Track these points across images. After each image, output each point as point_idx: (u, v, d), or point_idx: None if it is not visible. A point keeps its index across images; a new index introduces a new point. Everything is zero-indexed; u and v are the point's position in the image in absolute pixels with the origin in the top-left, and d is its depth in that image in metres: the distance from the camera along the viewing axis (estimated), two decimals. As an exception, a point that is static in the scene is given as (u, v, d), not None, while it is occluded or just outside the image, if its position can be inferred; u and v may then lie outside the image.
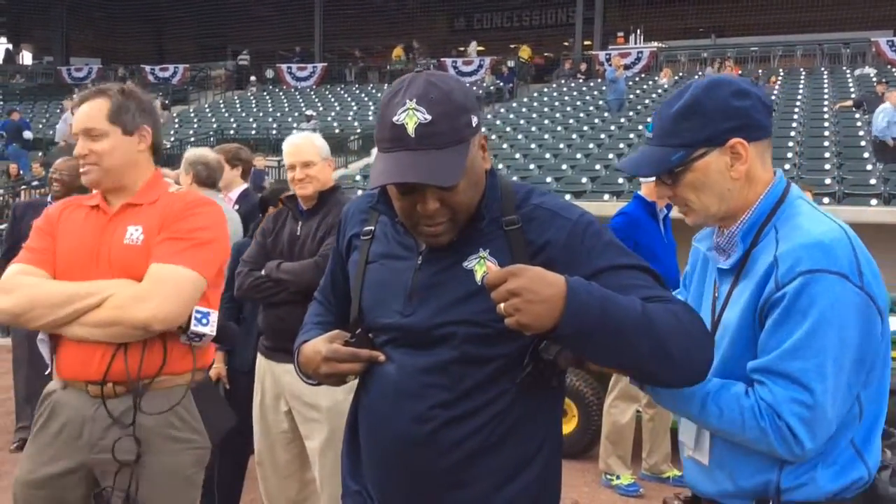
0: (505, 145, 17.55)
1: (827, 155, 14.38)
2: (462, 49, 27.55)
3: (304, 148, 3.43)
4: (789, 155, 14.46)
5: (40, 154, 19.23)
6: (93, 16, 32.40)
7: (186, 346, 2.30)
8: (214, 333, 2.30)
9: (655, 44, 26.25)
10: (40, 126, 22.39)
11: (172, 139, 20.51)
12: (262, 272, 3.46)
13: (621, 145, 16.33)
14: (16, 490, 2.36)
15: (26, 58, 36.07)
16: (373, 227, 1.74)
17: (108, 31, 33.33)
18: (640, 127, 17.58)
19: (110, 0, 30.33)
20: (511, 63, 25.16)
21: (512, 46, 27.31)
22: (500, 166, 15.83)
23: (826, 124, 16.30)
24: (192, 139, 19.67)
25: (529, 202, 1.63)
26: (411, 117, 1.49)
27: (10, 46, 35.65)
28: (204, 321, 2.29)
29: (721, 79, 1.69)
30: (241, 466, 4.52)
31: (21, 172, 18.25)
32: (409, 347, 1.61)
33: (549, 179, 14.65)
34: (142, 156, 2.40)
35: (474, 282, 1.57)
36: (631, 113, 18.93)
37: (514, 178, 14.49)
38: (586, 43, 26.37)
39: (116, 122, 2.34)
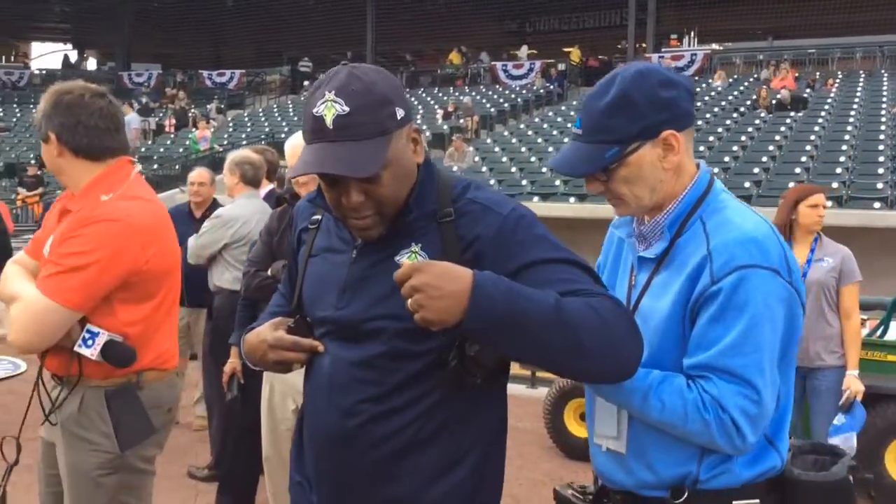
0: (550, 148, 17.47)
1: (881, 159, 13.98)
2: (513, 52, 27.49)
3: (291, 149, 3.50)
4: (842, 159, 14.11)
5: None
6: (154, 23, 33.25)
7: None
8: (95, 356, 2.26)
9: (711, 46, 25.84)
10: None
11: (226, 142, 20.93)
12: (269, 272, 3.51)
13: (669, 149, 16.11)
14: None
15: (90, 64, 37.20)
16: (318, 221, 1.76)
17: (168, 38, 34.13)
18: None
19: (172, 7, 31.09)
20: (562, 66, 25.03)
21: (565, 50, 27.17)
22: (544, 170, 15.77)
23: (882, 128, 15.84)
24: (245, 142, 20.03)
25: (465, 196, 1.62)
26: (329, 108, 1.49)
27: (75, 53, 36.83)
28: (89, 342, 2.27)
29: (646, 68, 1.65)
30: (255, 464, 4.59)
31: (80, 175, 18.81)
32: (343, 341, 1.62)
33: (592, 183, 14.55)
34: (62, 160, 2.38)
35: None
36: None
37: (556, 182, 14.46)
38: (639, 45, 26.09)
39: (39, 129, 2.42)
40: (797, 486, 1.62)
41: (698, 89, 21.42)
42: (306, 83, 27.88)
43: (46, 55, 36.65)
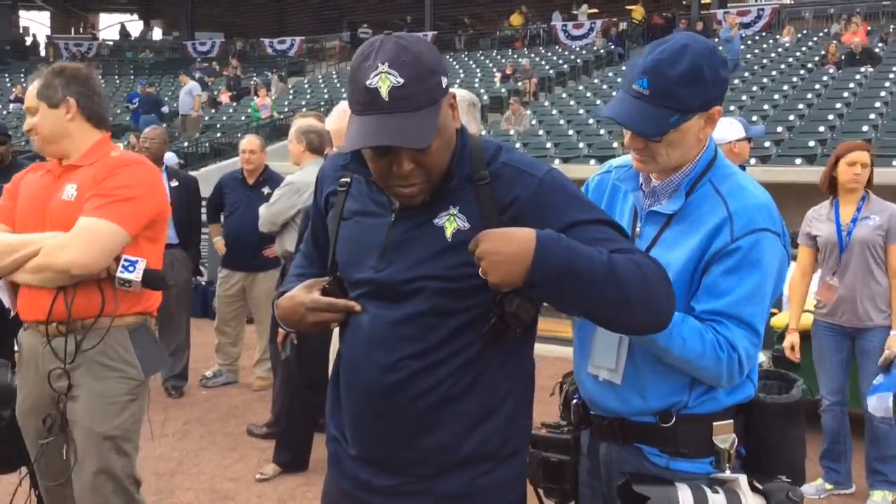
0: (610, 110, 17.22)
1: (957, 115, 13.42)
2: (573, 13, 27.03)
3: (338, 115, 3.56)
4: (914, 115, 13.57)
5: (164, 125, 20.25)
6: (217, -9, 33.68)
7: (122, 291, 2.57)
8: (140, 280, 2.56)
9: (778, 0, 24.99)
10: (166, 99, 23.50)
11: (287, 110, 21.16)
12: None
13: (731, 107, 15.72)
14: (17, 416, 2.79)
15: (156, 34, 37.90)
16: (347, 185, 1.79)
17: (231, 6, 34.50)
18: (754, 88, 16.87)
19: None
20: (623, 25, 24.53)
21: (627, 7, 26.59)
22: (602, 131, 15.58)
23: (960, 82, 15.17)
24: (304, 109, 20.23)
25: (498, 160, 1.68)
26: (384, 80, 1.51)
27: (141, 24, 37.54)
28: (130, 269, 2.56)
29: (712, 45, 1.82)
30: (311, 422, 4.76)
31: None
32: (382, 301, 1.68)
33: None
34: (72, 124, 2.66)
35: (445, 238, 1.63)
36: (746, 74, 18.17)
37: (615, 144, 14.26)
38: (704, 2, 25.38)
39: (42, 98, 2.67)
40: (764, 408, 1.89)
41: (764, 45, 20.79)
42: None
43: (112, 26, 37.32)
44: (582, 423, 1.99)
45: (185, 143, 18.99)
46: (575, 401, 2.01)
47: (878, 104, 14.44)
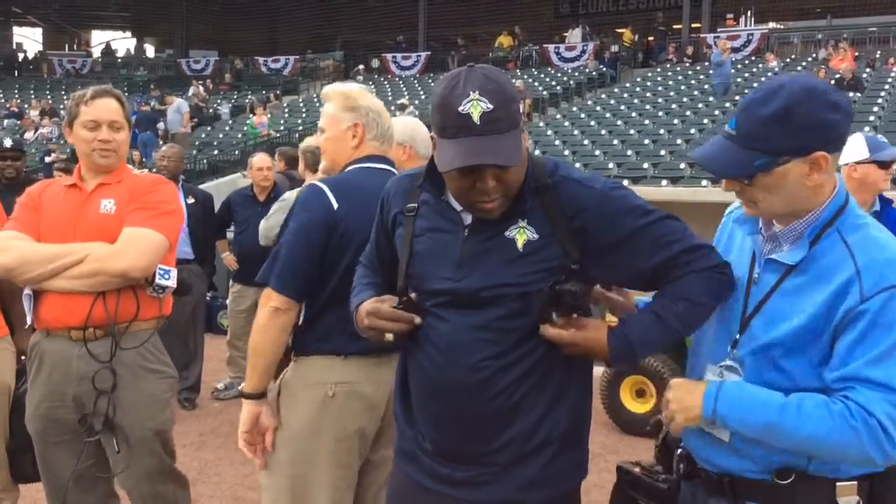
0: (603, 131, 17.48)
1: (943, 139, 13.71)
2: (563, 35, 27.36)
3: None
4: (902, 139, 13.87)
5: (160, 143, 20.34)
6: (211, 9, 33.87)
7: (153, 296, 2.82)
8: (175, 286, 2.84)
9: (770, 24, 25.39)
10: (160, 117, 23.56)
11: (282, 128, 21.32)
12: None
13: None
14: (27, 426, 2.91)
15: (149, 51, 38.04)
16: (416, 205, 1.94)
17: (225, 24, 34.73)
18: (745, 112, 17.12)
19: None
20: (615, 48, 24.86)
21: (619, 31, 26.96)
22: (597, 153, 15.81)
23: (945, 107, 15.50)
24: (300, 128, 20.39)
25: (557, 174, 1.85)
26: (476, 107, 1.68)
27: (134, 41, 37.70)
28: (167, 276, 2.81)
29: (817, 87, 1.67)
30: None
31: (144, 160, 19.39)
32: (460, 308, 1.83)
33: (645, 165, 14.56)
34: (126, 145, 2.95)
35: (517, 249, 1.80)
36: (737, 97, 18.46)
37: (610, 165, 14.47)
38: (694, 25, 25.78)
39: (127, 118, 2.89)
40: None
41: (754, 70, 21.15)
42: (360, 67, 28.19)
43: (105, 42, 37.43)
44: (686, 475, 1.90)
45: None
46: (679, 451, 1.92)
47: (867, 128, 14.74)
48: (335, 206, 2.46)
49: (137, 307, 2.78)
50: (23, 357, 3.18)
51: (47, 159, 18.31)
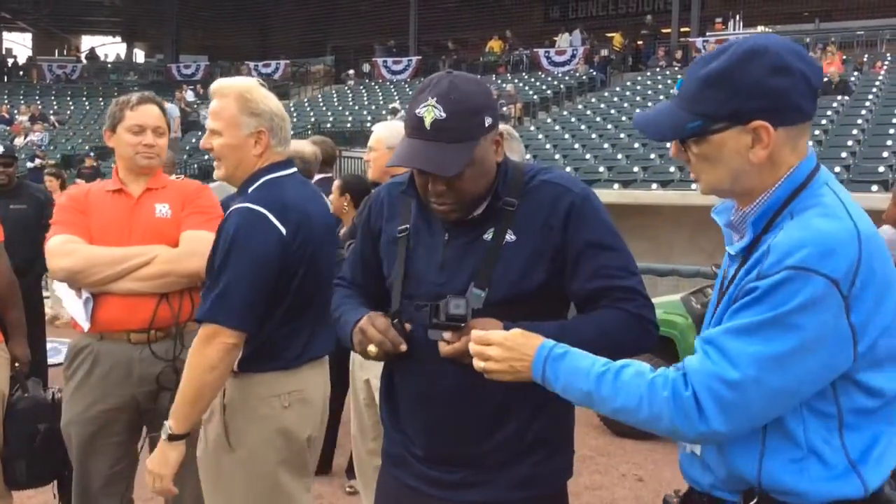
0: (594, 135, 17.54)
1: (930, 143, 13.82)
2: (554, 39, 27.46)
3: (373, 135, 3.99)
4: (889, 143, 13.98)
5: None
6: (201, 15, 33.84)
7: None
8: None
9: (758, 28, 25.51)
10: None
11: (273, 132, 21.29)
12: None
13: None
14: (68, 430, 2.87)
15: (139, 56, 37.98)
16: (408, 221, 1.95)
17: (214, 30, 34.71)
18: (735, 115, 17.22)
19: (217, -1, 31.64)
20: (605, 52, 24.95)
21: (608, 35, 27.07)
22: (588, 156, 15.86)
23: (933, 111, 15.62)
24: (291, 133, 20.36)
25: (537, 178, 1.89)
26: (429, 112, 1.74)
27: (125, 46, 37.65)
28: None
29: (764, 47, 1.46)
30: (334, 428, 4.90)
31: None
32: None
33: (635, 169, 14.61)
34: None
35: (496, 251, 1.83)
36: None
37: (601, 169, 14.50)
38: (683, 30, 25.89)
39: (167, 125, 2.99)
40: None
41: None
42: (351, 72, 28.22)
43: (91, 48, 37.38)
44: (684, 498, 1.68)
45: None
46: None
47: (855, 131, 14.85)
48: (283, 231, 2.29)
49: (192, 307, 2.81)
50: (16, 364, 3.20)
51: (29, 164, 18.22)
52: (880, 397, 1.46)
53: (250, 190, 2.40)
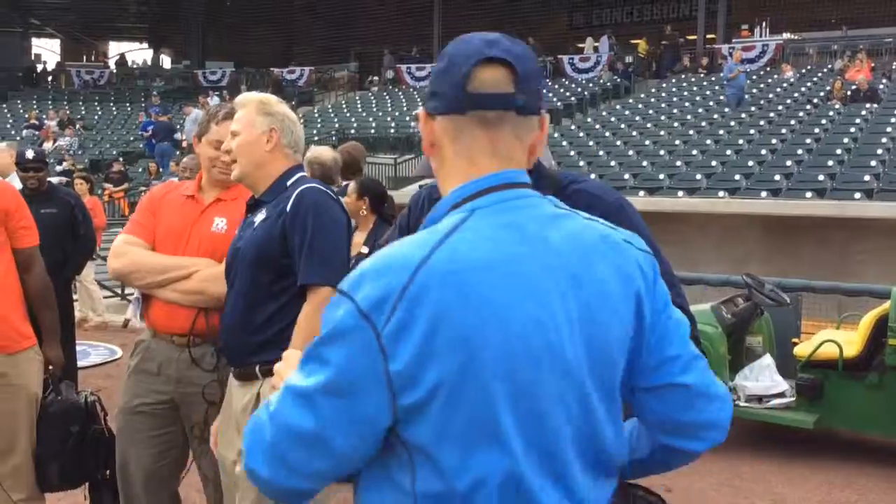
0: (619, 142, 17.47)
1: (961, 151, 13.64)
2: (580, 45, 27.43)
3: None
4: (920, 151, 13.82)
5: (177, 153, 20.48)
6: (226, 21, 34.12)
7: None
8: None
9: (786, 35, 25.33)
10: (177, 127, 23.80)
11: (297, 138, 21.38)
12: None
13: (740, 141, 15.97)
14: (119, 417, 2.95)
15: (165, 62, 38.35)
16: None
17: (240, 36, 34.94)
18: (762, 122, 17.12)
19: (244, 6, 31.82)
20: (629, 59, 24.87)
21: (632, 42, 26.98)
22: (613, 163, 15.80)
23: (963, 118, 15.42)
24: (316, 138, 20.47)
25: (571, 187, 1.87)
26: None
27: (151, 52, 38.05)
28: None
29: (463, 36, 1.44)
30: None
31: (161, 170, 19.53)
32: None
33: (661, 176, 14.53)
34: None
35: None
36: (753, 108, 18.44)
37: (626, 176, 14.45)
38: (709, 36, 25.76)
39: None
40: None
41: (769, 80, 21.07)
42: (375, 78, 28.31)
43: (120, 54, 37.79)
44: None
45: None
46: None
47: (884, 139, 14.68)
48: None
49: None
50: (50, 367, 3.21)
51: (58, 168, 18.42)
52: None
53: (289, 183, 2.59)
